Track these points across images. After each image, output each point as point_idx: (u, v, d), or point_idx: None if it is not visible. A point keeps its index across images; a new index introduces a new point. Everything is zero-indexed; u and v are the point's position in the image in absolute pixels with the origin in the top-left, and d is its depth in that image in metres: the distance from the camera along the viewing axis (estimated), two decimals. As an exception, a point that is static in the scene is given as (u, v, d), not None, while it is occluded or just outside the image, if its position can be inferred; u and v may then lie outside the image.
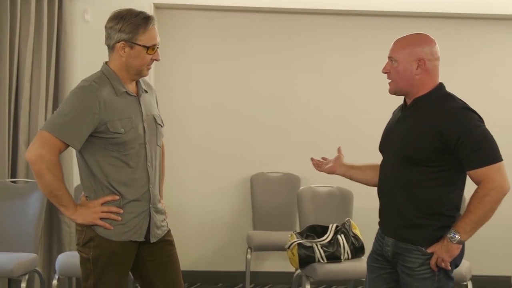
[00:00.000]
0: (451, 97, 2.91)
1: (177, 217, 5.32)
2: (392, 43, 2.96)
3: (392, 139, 2.99)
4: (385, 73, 2.96)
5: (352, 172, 3.27)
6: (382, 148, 3.09)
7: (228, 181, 5.91)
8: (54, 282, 4.57)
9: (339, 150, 3.34)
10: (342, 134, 5.89)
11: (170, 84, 5.78)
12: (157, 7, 5.67)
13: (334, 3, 5.72)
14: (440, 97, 2.90)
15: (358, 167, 3.28)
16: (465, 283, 4.69)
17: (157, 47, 3.02)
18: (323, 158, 3.38)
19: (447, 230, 2.85)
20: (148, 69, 3.05)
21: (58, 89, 5.34)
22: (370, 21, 5.88)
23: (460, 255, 2.94)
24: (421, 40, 2.91)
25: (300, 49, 5.93)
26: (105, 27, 3.01)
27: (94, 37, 5.37)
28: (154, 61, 3.05)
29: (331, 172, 3.30)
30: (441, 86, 2.95)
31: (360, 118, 5.91)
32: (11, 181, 4.97)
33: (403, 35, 2.97)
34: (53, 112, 5.19)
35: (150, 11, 5.11)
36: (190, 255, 5.67)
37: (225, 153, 5.90)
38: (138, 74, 3.04)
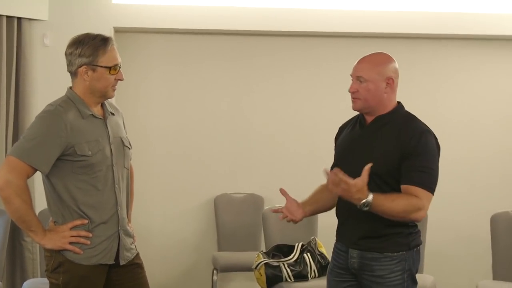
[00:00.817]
0: (413, 117, 3.04)
1: (140, 239, 5.23)
2: (357, 62, 3.03)
3: (354, 156, 3.02)
4: (352, 92, 3.01)
5: (314, 207, 3.23)
6: (341, 165, 3.08)
7: (192, 202, 5.91)
8: (20, 309, 4.51)
9: (284, 193, 3.22)
10: (303, 153, 5.94)
11: (132, 106, 5.76)
12: (116, 30, 5.66)
13: (291, 25, 5.78)
14: (404, 116, 3.03)
15: (315, 200, 3.24)
16: (430, 297, 4.76)
17: (119, 67, 3.04)
18: (275, 210, 3.28)
19: (412, 236, 2.96)
20: (113, 90, 3.06)
21: (18, 113, 5.28)
22: (328, 42, 5.96)
23: (419, 261, 3.04)
24: (387, 59, 3.02)
25: (259, 69, 5.99)
26: (65, 54, 3.03)
27: (54, 61, 5.36)
28: (119, 82, 3.06)
29: (301, 218, 3.19)
30: (401, 105, 3.07)
31: (319, 136, 5.95)
32: (-28, 208, 4.89)
33: (366, 55, 3.05)
34: (13, 137, 5.21)
35: (110, 34, 5.10)
36: (155, 278, 5.60)
37: (188, 174, 5.90)
38: (103, 96, 3.05)
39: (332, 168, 3.25)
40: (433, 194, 2.90)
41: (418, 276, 4.68)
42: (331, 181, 2.82)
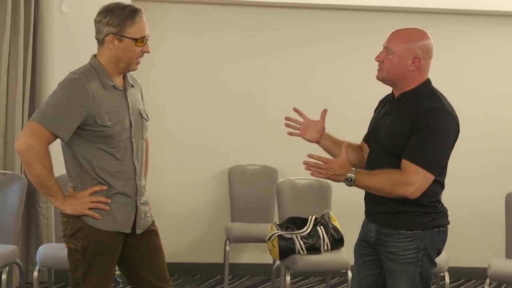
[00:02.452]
0: (433, 94, 2.97)
1: (154, 209, 5.25)
2: (390, 33, 2.99)
3: (377, 131, 3.05)
4: (378, 61, 2.99)
5: (334, 149, 3.23)
6: (368, 140, 3.15)
7: (206, 173, 5.92)
8: (35, 274, 4.53)
9: (323, 114, 3.26)
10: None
11: (147, 77, 5.74)
12: (134, -1, 5.64)
13: (310, -3, 5.77)
14: (424, 94, 2.96)
15: (339, 143, 3.22)
16: (442, 274, 4.78)
17: (147, 40, 3.04)
18: (300, 121, 3.29)
19: (430, 216, 2.93)
20: (137, 63, 3.08)
21: (35, 80, 5.30)
22: (345, 15, 5.92)
23: (442, 242, 3.02)
24: (420, 37, 2.96)
25: (276, 42, 5.96)
26: (94, 21, 3.04)
27: (71, 28, 5.36)
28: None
29: (314, 141, 3.23)
30: (427, 82, 3.00)
31: (334, 110, 5.87)
32: (-11, 173, 4.94)
33: (402, 28, 3.00)
34: (29, 104, 5.23)
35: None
36: (168, 247, 5.57)
37: (203, 146, 5.91)
38: (126, 68, 3.07)
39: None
40: (430, 172, 2.83)
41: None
42: (311, 166, 2.88)
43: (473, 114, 5.94)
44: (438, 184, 2.97)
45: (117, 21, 2.96)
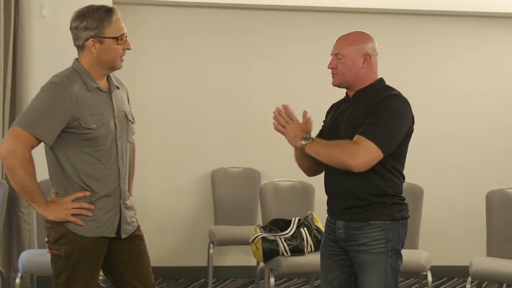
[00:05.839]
0: (389, 88, 3.12)
1: (138, 212, 5.30)
2: (335, 41, 3.14)
3: (338, 130, 3.10)
4: (331, 68, 3.13)
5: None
6: (327, 138, 3.16)
7: (189, 176, 5.92)
8: (17, 280, 4.50)
9: (305, 116, 3.25)
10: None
11: (130, 79, 5.62)
12: (115, 2, 5.62)
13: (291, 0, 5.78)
14: (380, 89, 3.10)
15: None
16: (424, 273, 4.81)
17: (126, 37, 3.03)
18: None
19: (396, 207, 3.03)
20: (121, 60, 3.06)
21: (15, 85, 5.26)
22: (327, 17, 5.95)
23: (405, 234, 3.09)
24: (365, 37, 3.13)
25: (258, 44, 5.98)
26: (70, 28, 3.01)
27: (51, 33, 5.34)
28: (126, 52, 3.05)
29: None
30: (382, 80, 3.15)
31: (317, 112, 5.93)
32: (-30, 179, 4.90)
33: (345, 33, 3.15)
34: (10, 109, 5.19)
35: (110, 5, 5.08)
36: (151, 251, 5.44)
37: (186, 148, 5.91)
38: (111, 67, 3.06)
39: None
40: (380, 148, 2.90)
41: (412, 251, 4.80)
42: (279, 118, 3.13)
43: (456, 112, 6.01)
44: (400, 175, 3.09)
45: (94, 23, 2.94)
